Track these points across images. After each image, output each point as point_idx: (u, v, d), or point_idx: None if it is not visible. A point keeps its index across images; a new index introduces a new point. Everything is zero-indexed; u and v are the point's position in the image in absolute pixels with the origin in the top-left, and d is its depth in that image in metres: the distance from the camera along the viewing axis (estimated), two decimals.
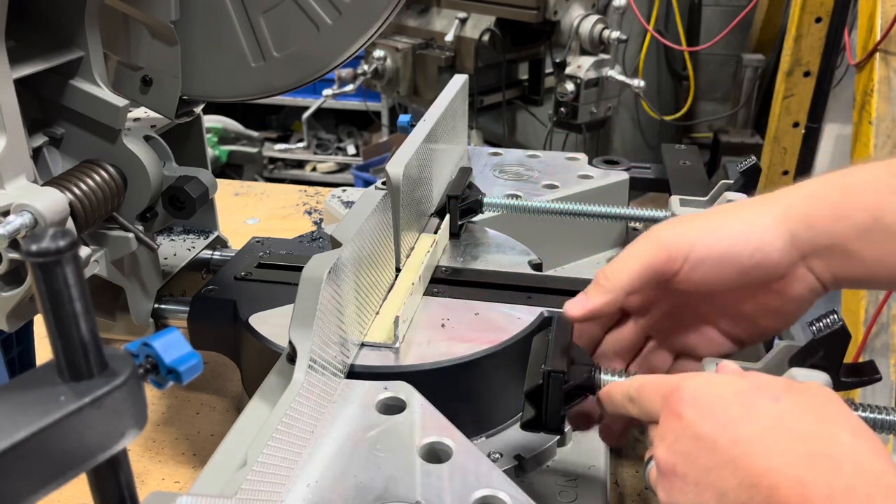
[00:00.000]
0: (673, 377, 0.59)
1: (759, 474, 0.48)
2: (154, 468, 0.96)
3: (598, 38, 2.84)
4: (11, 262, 0.75)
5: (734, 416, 0.52)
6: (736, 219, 0.68)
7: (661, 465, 0.54)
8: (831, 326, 0.63)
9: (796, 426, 0.50)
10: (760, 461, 0.49)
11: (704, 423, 0.52)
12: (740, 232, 0.67)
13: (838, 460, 0.48)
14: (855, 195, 0.65)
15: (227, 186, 1.81)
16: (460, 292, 0.90)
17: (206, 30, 0.86)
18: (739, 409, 0.52)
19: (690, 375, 0.58)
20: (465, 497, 0.59)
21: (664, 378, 0.60)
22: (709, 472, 0.51)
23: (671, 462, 0.54)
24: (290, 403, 0.62)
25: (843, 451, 0.48)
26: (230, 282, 0.96)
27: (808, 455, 0.48)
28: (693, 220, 0.70)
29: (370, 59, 3.13)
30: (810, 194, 0.67)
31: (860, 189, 0.65)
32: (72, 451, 0.38)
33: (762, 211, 0.68)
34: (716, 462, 0.51)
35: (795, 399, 0.52)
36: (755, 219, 0.67)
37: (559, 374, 0.66)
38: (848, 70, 2.55)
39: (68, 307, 0.37)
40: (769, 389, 0.53)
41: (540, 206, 1.03)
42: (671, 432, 0.54)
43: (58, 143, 0.85)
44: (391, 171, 0.86)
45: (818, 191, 0.67)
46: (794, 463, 0.48)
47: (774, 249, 0.66)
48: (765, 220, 0.67)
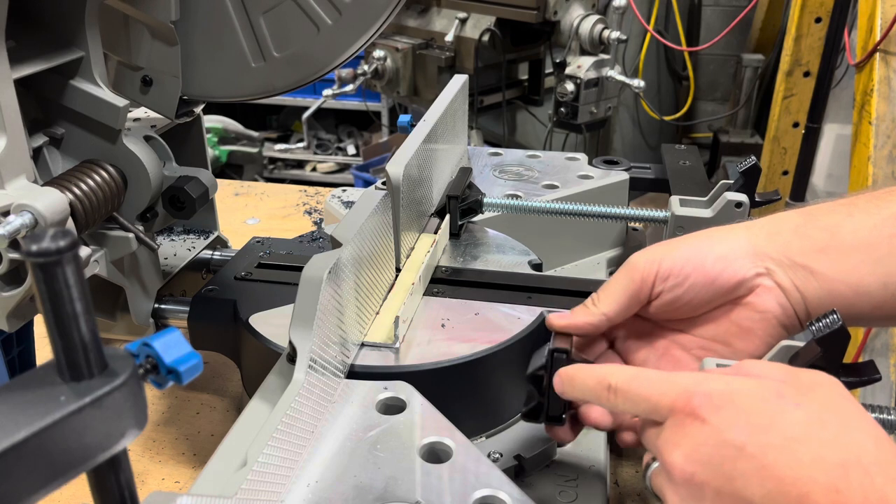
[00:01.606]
0: (679, 377, 0.57)
1: (791, 482, 0.48)
2: (154, 468, 0.96)
3: (598, 38, 2.84)
4: (11, 262, 0.75)
5: (761, 423, 0.51)
6: (703, 237, 0.72)
7: (677, 473, 0.52)
8: (831, 326, 0.63)
9: (822, 434, 0.49)
10: (791, 470, 0.48)
11: (730, 429, 0.51)
12: (706, 245, 0.71)
13: (868, 469, 0.47)
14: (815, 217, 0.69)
15: (227, 186, 1.81)
16: (460, 292, 0.90)
17: (206, 30, 0.86)
18: (766, 416, 0.51)
19: (706, 377, 0.55)
20: (465, 497, 0.59)
21: (665, 376, 0.58)
22: (733, 480, 0.50)
23: (689, 470, 0.52)
24: (290, 403, 0.62)
25: (871, 458, 0.48)
26: (230, 282, 0.96)
27: (840, 464, 0.47)
28: (664, 243, 0.73)
29: (370, 59, 3.13)
30: (774, 218, 0.72)
31: (820, 213, 0.69)
32: (72, 451, 0.38)
33: (728, 232, 0.72)
34: (741, 470, 0.49)
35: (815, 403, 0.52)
36: (721, 237, 0.71)
37: (563, 354, 0.68)
38: (848, 70, 2.55)
39: (68, 307, 0.37)
40: (791, 394, 0.52)
41: (540, 206, 1.03)
42: (689, 437, 0.52)
43: (58, 143, 0.85)
44: (391, 171, 0.86)
45: (782, 215, 0.72)
46: (827, 471, 0.47)
47: (738, 258, 0.69)
48: (730, 237, 0.71)
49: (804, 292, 0.67)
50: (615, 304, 0.71)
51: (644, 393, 0.57)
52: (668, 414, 0.55)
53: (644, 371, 0.60)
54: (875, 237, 0.66)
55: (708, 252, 0.70)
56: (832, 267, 0.66)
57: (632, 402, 0.58)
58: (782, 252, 0.68)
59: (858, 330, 1.96)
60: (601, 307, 0.72)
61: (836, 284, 0.66)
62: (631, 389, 0.58)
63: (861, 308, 0.66)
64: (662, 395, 0.56)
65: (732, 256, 0.69)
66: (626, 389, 0.59)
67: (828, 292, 0.66)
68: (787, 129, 2.97)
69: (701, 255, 0.70)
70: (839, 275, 0.66)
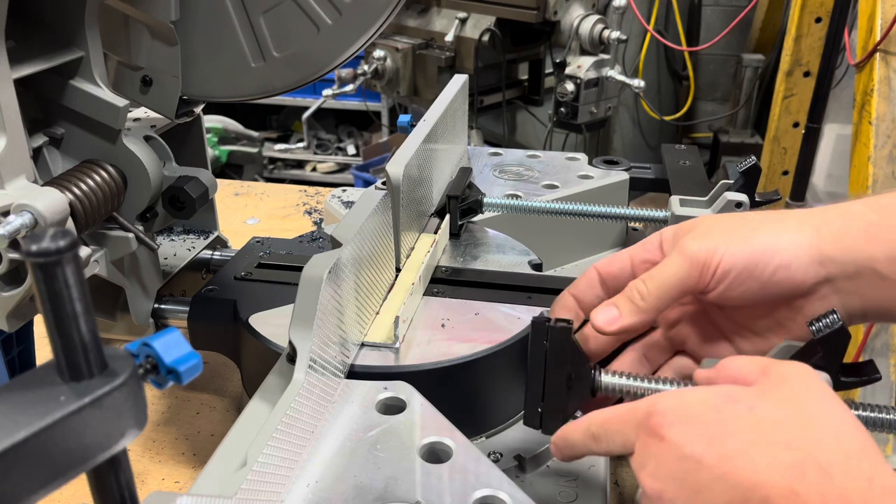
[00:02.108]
0: (639, 403, 0.57)
1: (750, 488, 0.48)
2: (154, 468, 0.96)
3: (598, 38, 2.84)
4: (11, 262, 0.75)
5: (716, 432, 0.51)
6: (764, 231, 0.66)
7: (648, 492, 0.53)
8: (831, 326, 0.63)
9: (776, 435, 0.49)
10: (749, 474, 0.48)
11: (687, 443, 0.51)
12: (767, 245, 0.65)
13: (826, 466, 0.47)
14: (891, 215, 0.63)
15: (227, 186, 1.81)
16: (460, 292, 0.90)
17: (206, 30, 0.86)
18: (718, 425, 0.51)
19: (660, 397, 0.56)
20: (465, 497, 0.59)
21: (629, 406, 0.58)
22: (698, 492, 0.50)
23: (657, 488, 0.52)
24: (290, 403, 0.62)
25: (830, 456, 0.47)
26: (230, 282, 0.96)
27: (795, 464, 0.47)
28: (720, 231, 0.67)
29: (370, 59, 3.13)
30: (845, 212, 0.65)
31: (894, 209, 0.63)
32: (72, 452, 0.38)
33: (792, 225, 0.66)
34: (704, 481, 0.50)
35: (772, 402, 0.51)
36: (783, 233, 0.65)
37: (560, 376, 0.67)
38: (848, 70, 2.55)
39: (68, 307, 0.37)
40: (744, 398, 0.52)
41: (540, 206, 1.03)
42: (652, 457, 0.53)
43: (58, 143, 0.85)
44: (391, 171, 0.86)
45: (853, 209, 0.65)
46: (783, 473, 0.47)
47: (799, 267, 0.64)
48: (794, 235, 0.65)
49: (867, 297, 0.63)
50: (668, 299, 0.66)
51: (615, 427, 0.58)
52: (635, 438, 0.55)
53: (614, 408, 0.59)
54: None
55: (770, 258, 0.64)
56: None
57: (611, 440, 0.58)
58: (849, 256, 0.63)
59: (858, 330, 1.96)
60: (651, 301, 0.66)
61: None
62: (605, 429, 0.58)
63: None
64: (628, 423, 0.56)
65: (795, 265, 0.64)
66: (603, 431, 0.59)
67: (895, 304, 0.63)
68: (788, 129, 2.97)
69: (763, 262, 0.64)
70: None
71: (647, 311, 0.67)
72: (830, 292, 0.65)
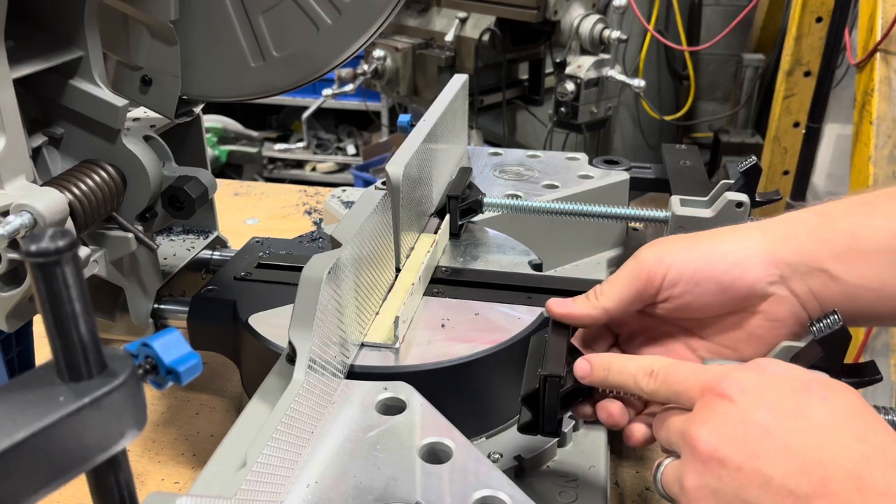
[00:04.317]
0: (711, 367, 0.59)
1: (814, 464, 0.49)
2: (154, 468, 0.96)
3: (599, 38, 2.84)
4: (11, 262, 0.75)
5: (788, 409, 0.52)
6: (715, 239, 0.70)
7: (702, 447, 0.53)
8: (832, 327, 0.63)
9: (848, 426, 0.51)
10: (816, 452, 0.49)
11: (757, 410, 0.52)
12: (718, 249, 0.68)
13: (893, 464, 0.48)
14: (832, 218, 0.66)
15: (227, 186, 1.81)
16: (460, 292, 0.90)
17: (205, 30, 0.86)
18: (792, 404, 0.52)
19: (738, 367, 0.58)
20: (465, 497, 0.59)
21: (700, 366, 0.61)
22: (756, 457, 0.51)
23: (713, 444, 0.53)
24: (289, 404, 0.62)
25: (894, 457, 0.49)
26: (230, 282, 0.96)
27: (864, 454, 0.49)
28: (674, 241, 0.71)
29: (370, 59, 3.13)
30: (789, 218, 0.69)
31: (837, 214, 0.67)
32: (71, 452, 0.38)
33: (741, 234, 0.69)
34: (765, 448, 0.51)
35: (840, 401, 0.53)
36: (734, 239, 0.69)
37: (556, 379, 0.66)
38: (848, 70, 2.55)
39: (68, 307, 0.37)
40: (817, 389, 0.54)
41: (540, 206, 1.03)
42: (717, 415, 0.54)
43: (57, 143, 0.85)
44: (391, 171, 0.86)
45: (797, 215, 0.69)
46: (852, 458, 0.49)
47: (752, 265, 0.66)
48: (743, 240, 0.68)
49: (822, 298, 0.65)
50: (617, 300, 0.70)
51: (679, 377, 0.59)
52: (698, 397, 0.57)
53: (680, 361, 0.62)
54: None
55: (721, 259, 0.67)
56: (853, 272, 0.64)
57: (668, 386, 0.60)
58: (799, 257, 0.65)
59: (859, 330, 1.96)
60: (602, 301, 0.71)
61: (857, 290, 0.64)
62: (669, 374, 0.60)
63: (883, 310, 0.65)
64: (696, 378, 0.58)
65: (747, 264, 0.66)
66: (665, 374, 0.60)
67: (849, 297, 0.65)
68: (788, 128, 2.97)
69: (713, 262, 0.67)
70: (861, 280, 0.64)
71: (595, 308, 0.71)
72: (787, 294, 0.66)
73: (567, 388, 0.66)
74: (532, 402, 0.67)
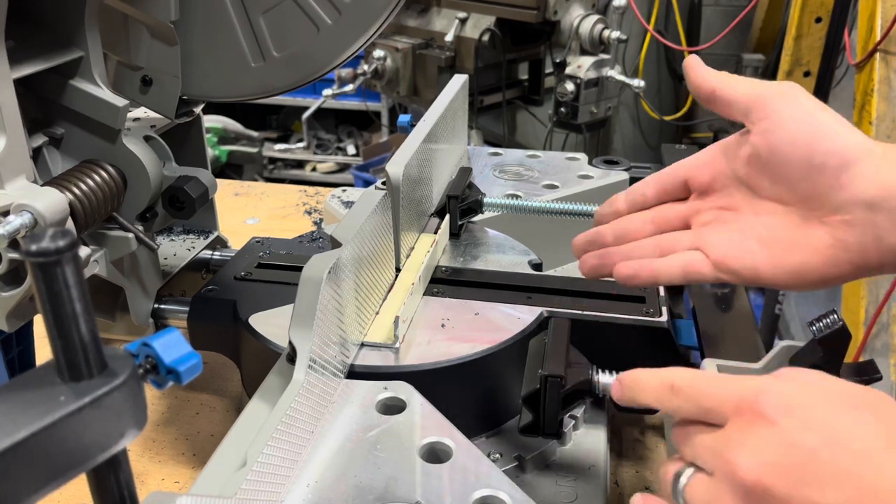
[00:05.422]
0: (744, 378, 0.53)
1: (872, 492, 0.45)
2: (154, 468, 0.96)
3: (598, 38, 2.84)
4: (11, 262, 0.75)
5: (836, 430, 0.48)
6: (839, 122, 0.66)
7: (742, 475, 0.48)
8: (832, 326, 0.63)
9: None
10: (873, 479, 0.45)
11: (803, 433, 0.48)
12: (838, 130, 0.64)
13: None
14: None
15: (227, 186, 1.81)
16: (460, 292, 0.90)
17: (205, 30, 0.86)
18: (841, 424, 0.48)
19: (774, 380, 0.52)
20: (465, 497, 0.59)
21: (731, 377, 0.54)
22: (805, 484, 0.46)
23: (755, 472, 0.48)
24: (290, 403, 0.62)
25: None
26: (230, 282, 0.96)
27: None
28: (808, 98, 0.68)
29: (370, 59, 3.13)
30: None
31: None
32: (71, 452, 0.38)
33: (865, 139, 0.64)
34: (815, 474, 0.46)
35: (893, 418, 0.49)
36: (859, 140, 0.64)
37: (557, 379, 0.66)
38: (848, 70, 2.55)
39: (68, 307, 0.37)
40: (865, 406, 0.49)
41: (540, 206, 1.03)
42: (757, 438, 0.49)
43: (58, 143, 0.85)
44: (391, 171, 0.86)
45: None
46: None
47: (848, 140, 0.62)
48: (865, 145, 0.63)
49: None
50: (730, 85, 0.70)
51: (706, 391, 0.54)
52: (731, 414, 0.51)
53: (705, 371, 0.58)
54: None
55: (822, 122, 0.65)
56: None
57: (694, 401, 0.54)
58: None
59: (859, 330, 1.96)
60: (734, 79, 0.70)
61: None
62: (694, 388, 0.54)
63: None
64: (728, 393, 0.52)
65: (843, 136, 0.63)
66: (689, 389, 0.55)
67: None
68: None
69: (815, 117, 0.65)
70: None
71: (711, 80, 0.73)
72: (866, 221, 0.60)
73: (567, 388, 0.66)
74: (533, 402, 0.67)
